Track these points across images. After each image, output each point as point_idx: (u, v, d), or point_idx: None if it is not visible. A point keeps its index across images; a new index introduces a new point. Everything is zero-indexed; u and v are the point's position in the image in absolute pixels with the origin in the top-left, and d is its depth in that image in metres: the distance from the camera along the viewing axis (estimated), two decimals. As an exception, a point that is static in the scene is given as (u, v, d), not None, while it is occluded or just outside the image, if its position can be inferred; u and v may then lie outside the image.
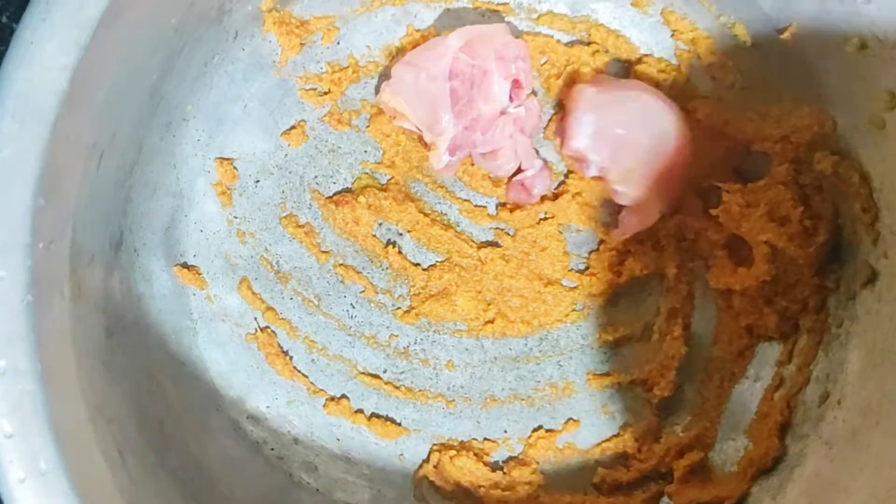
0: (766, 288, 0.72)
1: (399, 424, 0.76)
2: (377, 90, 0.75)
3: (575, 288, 0.77)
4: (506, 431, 0.77)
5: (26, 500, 0.48)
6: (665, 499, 0.74)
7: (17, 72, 0.50)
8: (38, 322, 0.50)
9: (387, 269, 0.77)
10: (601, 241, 0.77)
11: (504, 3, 0.75)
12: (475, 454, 0.75)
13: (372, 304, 0.76)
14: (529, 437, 0.76)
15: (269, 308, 0.75)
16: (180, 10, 0.62)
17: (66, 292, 0.54)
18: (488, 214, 0.77)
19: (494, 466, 0.76)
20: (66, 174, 0.53)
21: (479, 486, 0.75)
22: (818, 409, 0.70)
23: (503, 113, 0.71)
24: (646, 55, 0.75)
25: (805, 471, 0.69)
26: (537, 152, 0.76)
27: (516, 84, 0.71)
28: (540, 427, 0.77)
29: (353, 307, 0.76)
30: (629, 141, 0.71)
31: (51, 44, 0.51)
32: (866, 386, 0.67)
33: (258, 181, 0.75)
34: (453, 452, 0.75)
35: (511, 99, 0.71)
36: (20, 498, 0.48)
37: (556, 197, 0.77)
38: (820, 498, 0.67)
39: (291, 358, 0.75)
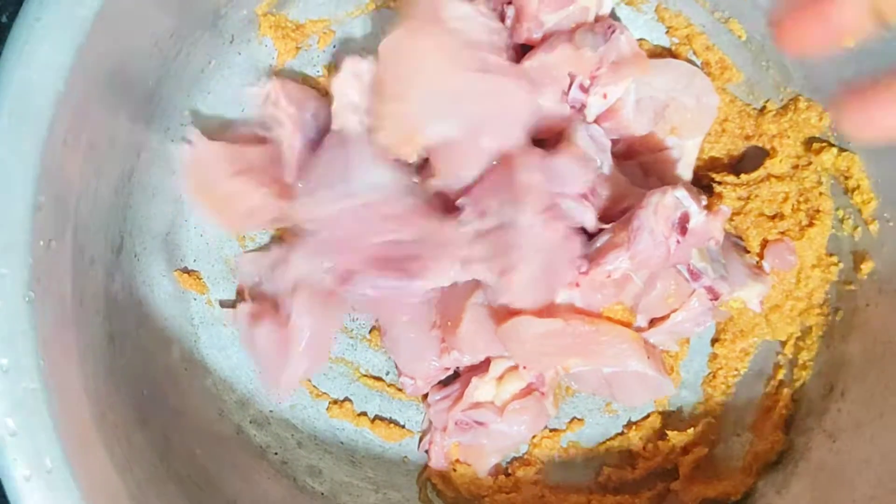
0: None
1: (403, 426, 0.76)
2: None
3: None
4: (509, 431, 0.76)
5: (32, 498, 0.48)
6: (671, 496, 0.74)
7: (14, 71, 0.51)
8: (40, 320, 0.50)
9: (387, 270, 0.76)
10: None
11: (499, 2, 0.76)
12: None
13: (373, 306, 0.76)
14: (533, 436, 0.76)
15: (271, 312, 0.74)
16: (175, 13, 0.62)
17: (69, 295, 0.54)
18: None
19: (499, 467, 0.76)
20: (65, 174, 0.53)
21: (485, 487, 0.74)
22: (822, 402, 0.70)
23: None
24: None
25: (810, 464, 0.69)
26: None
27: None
28: (544, 426, 0.76)
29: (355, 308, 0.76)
30: (673, 104, 0.71)
31: (46, 44, 0.51)
32: (868, 378, 0.67)
33: (257, 185, 0.75)
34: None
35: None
36: (26, 496, 0.48)
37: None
38: (825, 491, 0.67)
39: (293, 361, 0.75)
